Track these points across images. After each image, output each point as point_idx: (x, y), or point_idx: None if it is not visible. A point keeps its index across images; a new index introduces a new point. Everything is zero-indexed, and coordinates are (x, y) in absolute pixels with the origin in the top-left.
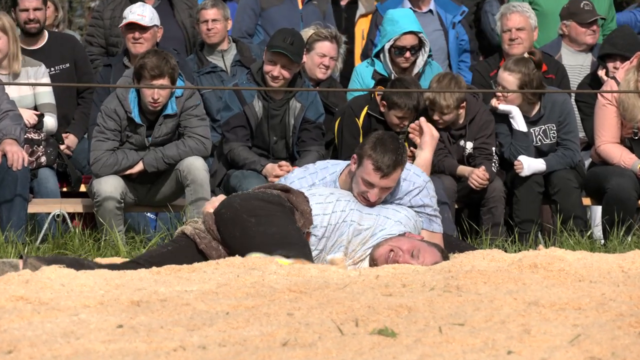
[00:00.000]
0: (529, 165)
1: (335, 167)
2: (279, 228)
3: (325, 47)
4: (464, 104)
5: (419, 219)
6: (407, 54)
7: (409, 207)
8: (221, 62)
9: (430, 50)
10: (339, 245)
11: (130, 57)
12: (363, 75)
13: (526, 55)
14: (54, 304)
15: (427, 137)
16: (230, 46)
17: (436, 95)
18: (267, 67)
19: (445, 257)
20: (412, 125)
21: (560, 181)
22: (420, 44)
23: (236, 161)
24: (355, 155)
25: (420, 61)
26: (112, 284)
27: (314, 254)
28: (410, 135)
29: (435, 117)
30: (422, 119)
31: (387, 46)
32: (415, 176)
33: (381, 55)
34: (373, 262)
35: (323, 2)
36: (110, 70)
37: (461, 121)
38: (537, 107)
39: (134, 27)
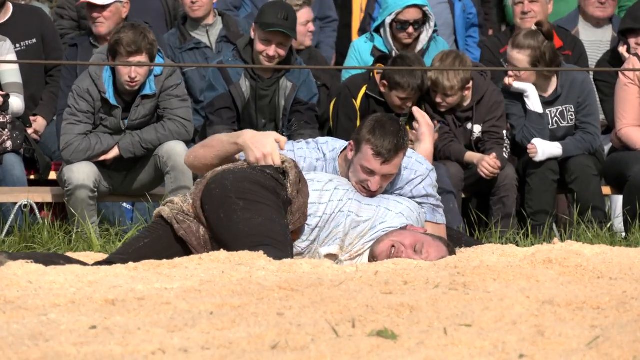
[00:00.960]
0: (544, 149)
1: (335, 143)
2: (265, 219)
3: (305, 13)
4: (470, 84)
5: (422, 210)
6: (410, 29)
7: (410, 197)
8: (205, 37)
9: (435, 25)
10: (334, 238)
11: (97, 37)
12: (361, 51)
13: (533, 27)
14: (20, 303)
15: (424, 127)
16: (215, 20)
17: (439, 75)
18: (260, 47)
19: (452, 252)
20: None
21: (577, 168)
22: (425, 18)
23: None
24: (351, 142)
25: (425, 37)
26: (84, 280)
27: (304, 245)
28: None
29: (438, 99)
30: (415, 108)
31: (388, 20)
32: (417, 164)
33: (381, 30)
34: (373, 259)
35: None
36: (76, 50)
37: (467, 102)
38: (553, 87)
39: (93, 6)
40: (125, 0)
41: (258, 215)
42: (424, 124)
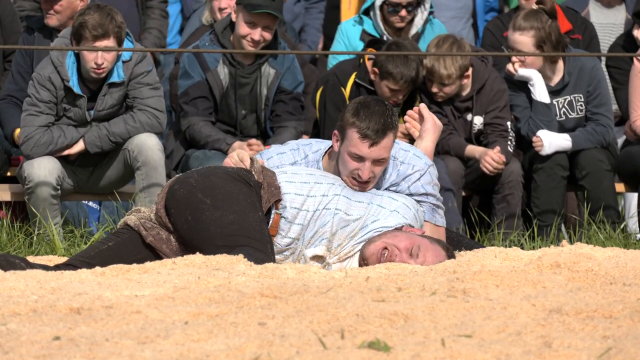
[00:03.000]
0: (551, 141)
1: (319, 144)
2: (238, 215)
3: None
4: (469, 72)
5: (421, 208)
6: (403, 12)
7: (407, 195)
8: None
9: (431, 7)
10: (321, 238)
11: None
12: (349, 35)
13: (535, 6)
14: None
15: (429, 124)
16: None
17: (435, 62)
18: (243, 30)
19: (451, 256)
20: (410, 112)
21: (588, 163)
22: None
23: (197, 139)
24: (336, 131)
25: (419, 20)
26: (47, 287)
27: (285, 241)
28: (407, 125)
29: (434, 89)
30: (422, 105)
31: (378, 1)
32: (415, 158)
33: (371, 12)
34: (363, 262)
35: None
36: (33, 35)
37: (466, 91)
38: (560, 74)
39: None
40: None
41: (229, 212)
42: (430, 121)
